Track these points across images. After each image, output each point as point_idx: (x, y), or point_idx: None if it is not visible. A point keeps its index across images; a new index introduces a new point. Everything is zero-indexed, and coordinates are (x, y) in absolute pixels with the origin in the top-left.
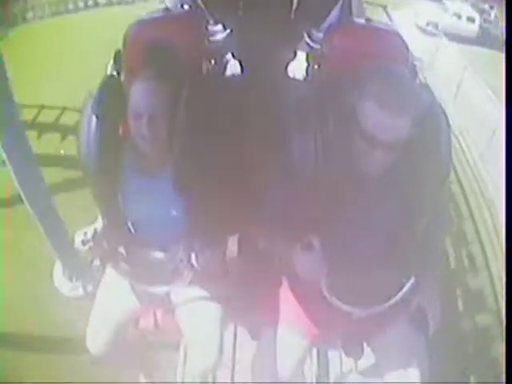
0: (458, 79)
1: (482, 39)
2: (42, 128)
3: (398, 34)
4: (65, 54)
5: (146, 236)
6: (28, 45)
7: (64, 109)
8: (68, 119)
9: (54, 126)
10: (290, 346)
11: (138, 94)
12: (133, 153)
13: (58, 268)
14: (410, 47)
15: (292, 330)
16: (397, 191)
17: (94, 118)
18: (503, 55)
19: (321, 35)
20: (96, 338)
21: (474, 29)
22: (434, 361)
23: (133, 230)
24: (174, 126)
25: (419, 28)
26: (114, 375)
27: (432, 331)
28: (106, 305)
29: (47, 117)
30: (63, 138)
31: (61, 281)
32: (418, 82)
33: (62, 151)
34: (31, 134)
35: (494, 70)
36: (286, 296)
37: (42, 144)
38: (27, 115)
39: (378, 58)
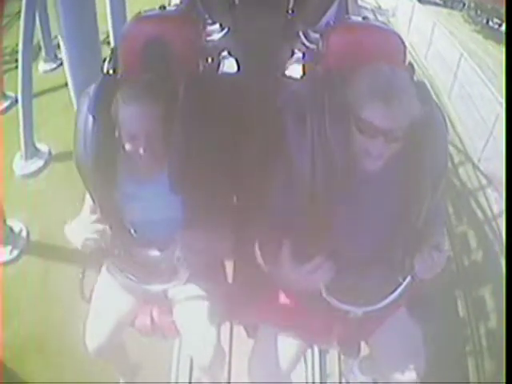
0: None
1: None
2: None
3: (395, 33)
4: None
5: (143, 235)
6: None
7: None
8: None
9: None
10: (287, 344)
11: (131, 117)
12: (129, 156)
13: None
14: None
15: (289, 329)
16: (393, 192)
17: (90, 118)
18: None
19: (317, 35)
20: (94, 337)
21: None
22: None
23: (130, 229)
24: (170, 133)
25: None
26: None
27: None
28: (102, 304)
29: None
30: None
31: None
32: (414, 79)
33: None
34: None
35: (459, 26)
36: (283, 295)
37: None
38: None
39: (375, 57)
